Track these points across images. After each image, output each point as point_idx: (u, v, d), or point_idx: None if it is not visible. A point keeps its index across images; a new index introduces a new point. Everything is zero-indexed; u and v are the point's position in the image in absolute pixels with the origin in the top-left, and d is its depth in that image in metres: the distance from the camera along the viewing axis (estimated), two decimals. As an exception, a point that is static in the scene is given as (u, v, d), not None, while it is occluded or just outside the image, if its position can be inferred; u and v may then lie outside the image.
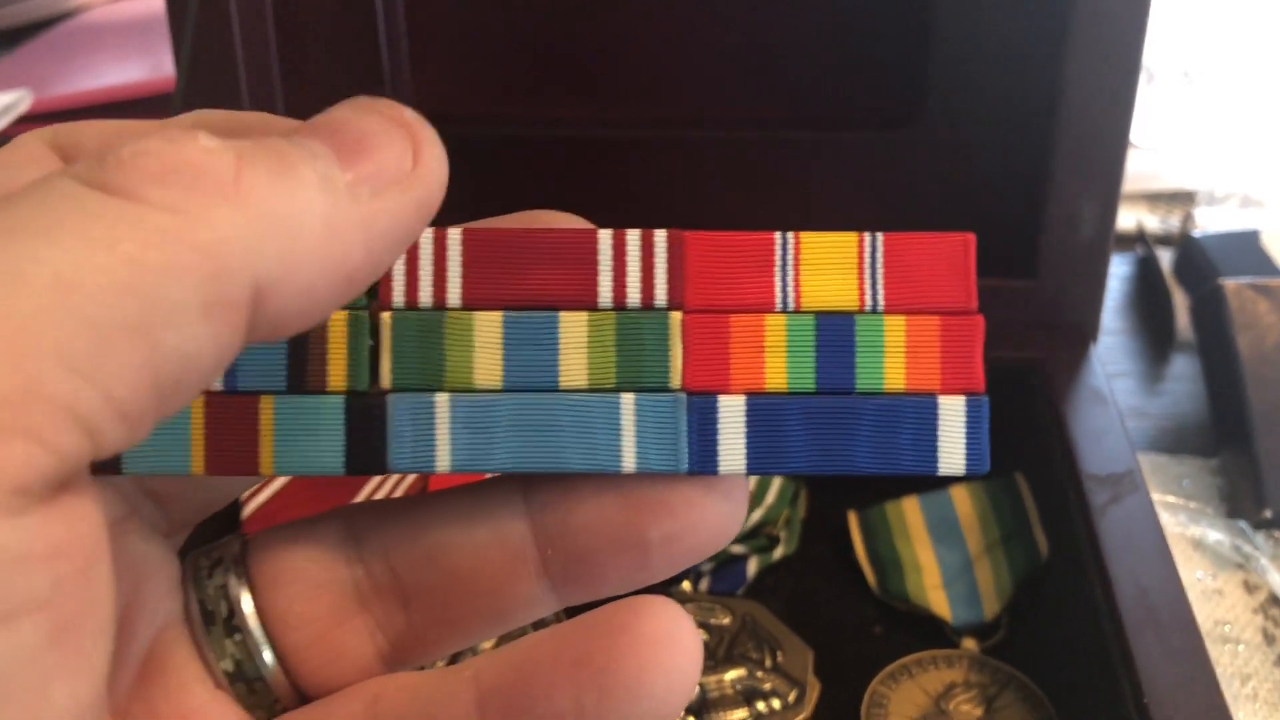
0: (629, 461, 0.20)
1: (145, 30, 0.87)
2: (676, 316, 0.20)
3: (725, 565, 0.46)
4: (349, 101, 0.18)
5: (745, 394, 0.20)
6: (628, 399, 0.20)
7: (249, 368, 0.20)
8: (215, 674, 0.21)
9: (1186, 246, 0.63)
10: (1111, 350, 0.61)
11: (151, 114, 0.58)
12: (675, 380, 0.20)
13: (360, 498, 0.46)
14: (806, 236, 0.20)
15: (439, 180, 0.18)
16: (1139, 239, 0.69)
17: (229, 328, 0.15)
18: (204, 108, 0.22)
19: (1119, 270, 0.67)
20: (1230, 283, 0.55)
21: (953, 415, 0.20)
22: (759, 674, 0.41)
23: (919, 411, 0.20)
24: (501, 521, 0.21)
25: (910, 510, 0.47)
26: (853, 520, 0.47)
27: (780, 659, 0.41)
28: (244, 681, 0.21)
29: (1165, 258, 0.65)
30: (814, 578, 0.46)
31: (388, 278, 0.20)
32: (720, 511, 0.20)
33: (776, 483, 0.47)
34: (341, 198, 0.16)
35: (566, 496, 0.20)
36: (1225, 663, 0.45)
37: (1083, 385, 0.45)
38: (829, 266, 0.20)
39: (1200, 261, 0.61)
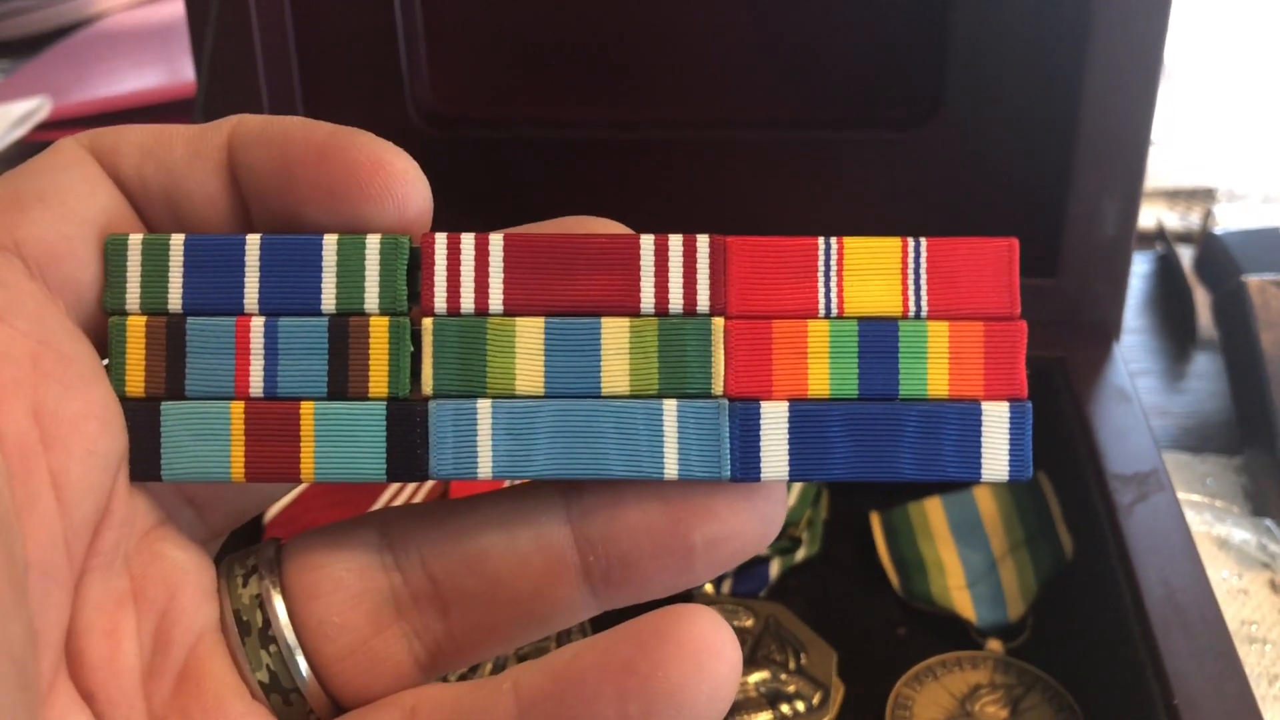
0: (671, 468, 0.20)
1: (163, 37, 0.87)
2: (719, 322, 0.20)
3: (747, 567, 0.45)
4: None
5: (788, 400, 0.20)
6: (670, 405, 0.20)
7: (290, 373, 0.20)
8: (250, 685, 0.21)
9: (1208, 244, 0.63)
10: (1132, 349, 0.61)
11: (170, 119, 0.58)
12: (718, 386, 0.20)
13: (381, 501, 0.46)
14: (850, 241, 0.20)
15: None
16: (1159, 236, 0.68)
17: None
18: (225, 111, 0.22)
19: (1139, 268, 0.67)
20: (1253, 279, 0.54)
21: (996, 422, 0.20)
22: (783, 676, 0.41)
23: (962, 418, 0.20)
24: (543, 527, 0.21)
25: (933, 510, 0.46)
26: (875, 521, 0.47)
27: (804, 661, 0.41)
28: (279, 692, 0.21)
29: (1185, 255, 0.65)
30: (837, 579, 0.46)
31: (430, 283, 0.20)
32: (763, 514, 0.20)
33: (798, 484, 0.47)
34: None
35: (609, 502, 0.20)
36: (1252, 663, 0.44)
37: (1106, 384, 0.45)
38: (872, 272, 0.20)
39: (1222, 258, 0.61)
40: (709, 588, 0.45)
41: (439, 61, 0.50)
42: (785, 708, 0.40)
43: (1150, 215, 0.69)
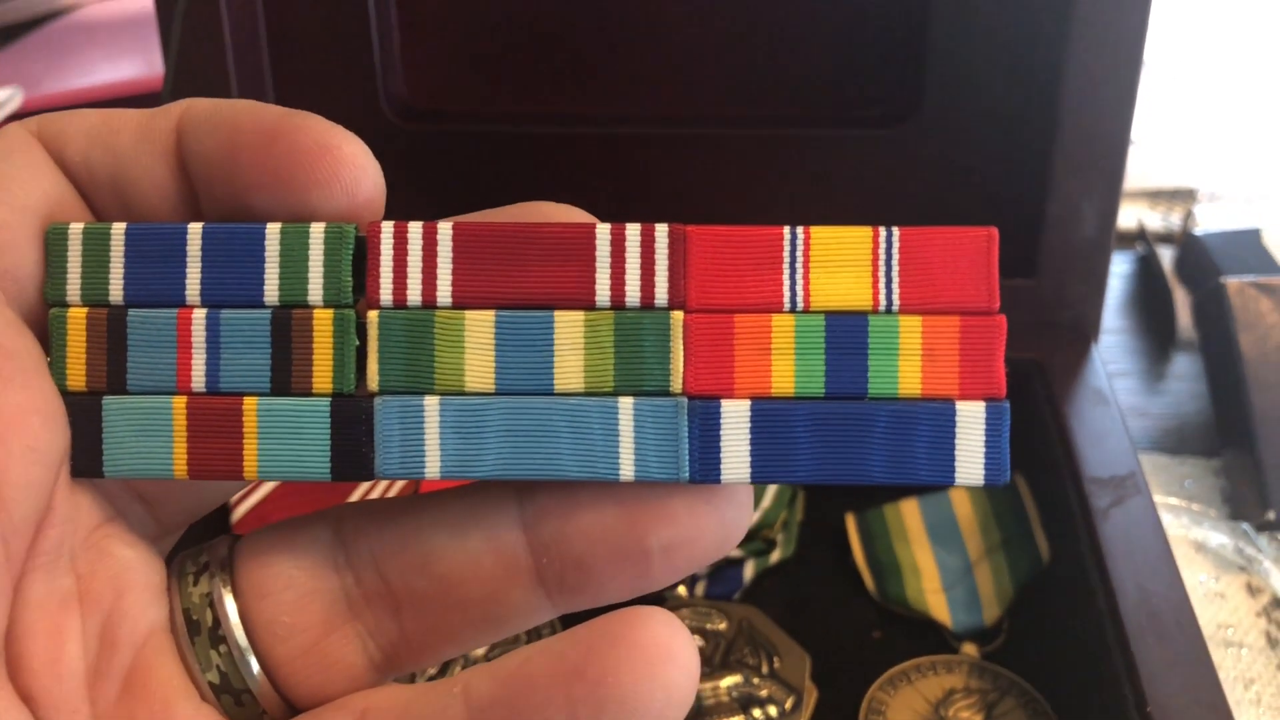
0: (627, 469, 0.19)
1: (138, 28, 0.86)
2: (678, 316, 0.19)
3: (721, 569, 0.45)
4: None
5: (750, 399, 0.19)
6: (626, 403, 0.19)
7: (232, 367, 0.20)
8: (200, 686, 0.20)
9: (1188, 244, 0.63)
10: (1112, 349, 0.61)
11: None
12: (676, 384, 0.19)
13: (355, 497, 0.45)
14: (817, 231, 0.19)
15: None
16: (1139, 237, 0.68)
17: None
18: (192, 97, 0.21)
19: (1119, 269, 0.67)
20: (1233, 281, 0.54)
21: (971, 422, 0.19)
22: (755, 680, 0.40)
23: (935, 418, 0.19)
24: (495, 528, 0.20)
25: (909, 513, 0.46)
26: (851, 523, 0.47)
27: (777, 665, 0.41)
28: (230, 693, 0.20)
29: (1166, 256, 0.65)
30: (811, 582, 0.46)
31: (375, 275, 0.19)
32: (724, 518, 0.20)
33: (773, 486, 0.47)
34: None
35: (563, 504, 0.20)
36: (1228, 667, 0.44)
37: (1084, 385, 0.44)
38: (841, 263, 0.19)
39: (1202, 259, 0.60)
40: (682, 590, 0.45)
41: (412, 54, 0.50)
42: (757, 712, 0.39)
43: (1131, 215, 0.69)
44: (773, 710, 0.39)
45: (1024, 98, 0.47)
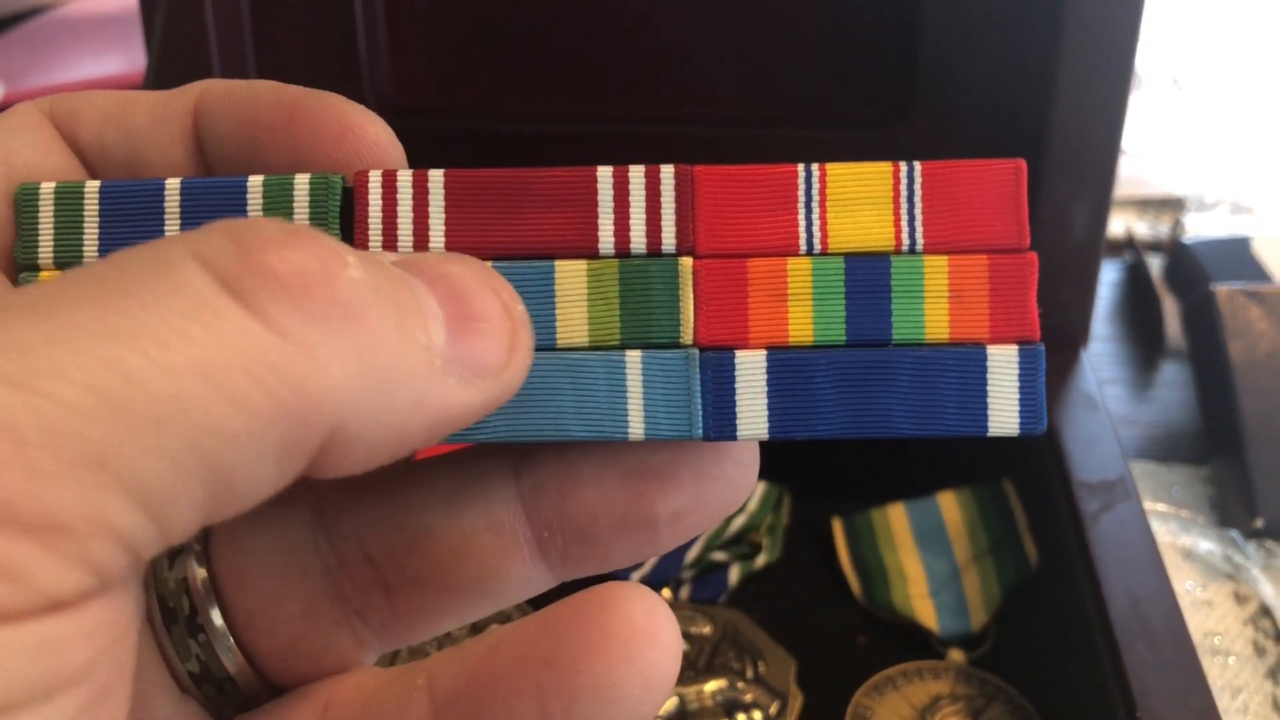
0: (637, 428, 0.18)
1: (120, 24, 0.86)
2: (687, 263, 0.18)
3: (707, 573, 0.44)
4: (469, 263, 0.16)
5: (766, 348, 0.18)
6: (633, 357, 0.18)
7: None
8: (180, 676, 0.19)
9: (1177, 252, 0.63)
10: (1101, 357, 0.61)
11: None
12: (687, 335, 0.18)
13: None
14: (833, 168, 0.18)
15: (518, 384, 0.16)
16: (1128, 245, 0.68)
17: (290, 472, 0.14)
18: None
19: (1108, 276, 0.67)
20: (1222, 288, 0.54)
21: (1004, 367, 0.18)
22: (740, 685, 0.40)
23: (965, 364, 0.18)
24: (492, 503, 0.19)
25: (896, 518, 0.45)
26: (837, 527, 0.46)
27: (762, 669, 0.40)
28: (212, 683, 0.19)
29: (1154, 264, 0.65)
30: (797, 586, 0.45)
31: (364, 226, 0.18)
32: (731, 479, 0.19)
33: (760, 488, 0.46)
34: (435, 373, 0.15)
35: (564, 476, 0.19)
36: (1215, 675, 0.44)
37: (1074, 390, 0.44)
38: (860, 201, 0.18)
39: (1191, 267, 0.60)
40: (666, 593, 0.44)
41: (399, 50, 0.49)
42: (742, 717, 0.39)
43: (1120, 224, 0.69)
44: (757, 715, 0.39)
45: (1014, 100, 0.46)
